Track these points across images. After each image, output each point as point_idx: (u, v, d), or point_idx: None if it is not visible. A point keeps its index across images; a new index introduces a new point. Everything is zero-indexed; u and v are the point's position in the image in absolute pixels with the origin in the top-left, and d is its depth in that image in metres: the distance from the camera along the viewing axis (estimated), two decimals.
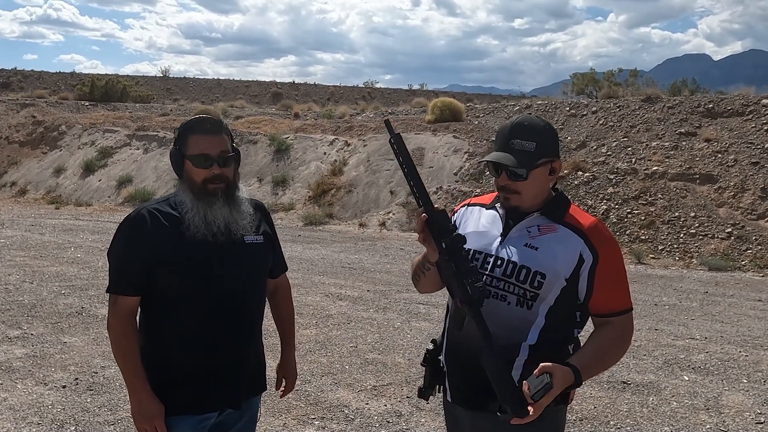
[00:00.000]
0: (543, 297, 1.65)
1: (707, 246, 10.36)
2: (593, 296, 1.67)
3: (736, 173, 11.48)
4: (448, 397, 1.80)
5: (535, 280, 1.65)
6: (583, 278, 1.66)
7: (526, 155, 1.66)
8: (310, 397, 4.01)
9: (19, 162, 19.45)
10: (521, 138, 1.67)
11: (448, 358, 1.78)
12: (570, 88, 21.09)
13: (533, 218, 1.72)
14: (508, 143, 1.69)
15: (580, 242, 1.67)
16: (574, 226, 1.69)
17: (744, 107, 12.74)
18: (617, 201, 11.76)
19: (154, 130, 18.93)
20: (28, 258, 8.55)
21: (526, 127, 1.68)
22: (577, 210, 1.76)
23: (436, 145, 14.97)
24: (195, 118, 1.91)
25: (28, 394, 3.93)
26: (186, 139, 1.86)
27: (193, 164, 1.85)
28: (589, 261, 1.65)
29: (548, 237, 1.68)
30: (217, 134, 1.87)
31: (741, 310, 6.96)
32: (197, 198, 1.85)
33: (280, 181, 15.47)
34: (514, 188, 1.69)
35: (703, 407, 4.04)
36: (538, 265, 1.65)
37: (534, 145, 1.67)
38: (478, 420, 1.71)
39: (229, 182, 1.89)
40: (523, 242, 1.69)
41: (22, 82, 37.48)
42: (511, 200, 1.72)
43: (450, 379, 1.78)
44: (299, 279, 7.61)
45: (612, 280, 1.67)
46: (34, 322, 5.51)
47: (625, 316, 1.70)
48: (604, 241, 1.68)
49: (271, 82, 45.03)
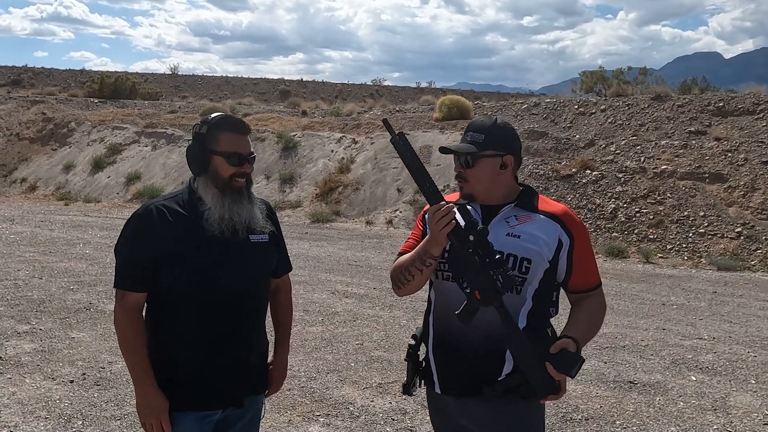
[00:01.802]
0: (529, 281, 1.77)
1: (716, 246, 10.29)
2: (573, 275, 1.82)
3: (746, 172, 11.38)
4: (436, 389, 1.85)
5: (522, 266, 1.76)
6: (563, 260, 1.81)
7: (475, 145, 1.82)
8: (316, 394, 4.02)
9: (29, 158, 19.61)
10: (473, 131, 1.84)
11: (437, 351, 1.84)
12: (579, 86, 20.97)
13: (509, 209, 1.84)
14: (464, 136, 1.87)
15: (557, 227, 1.80)
16: (549, 212, 1.83)
17: (755, 106, 12.62)
18: (625, 200, 11.69)
19: (163, 128, 19.02)
20: (37, 254, 8.62)
21: (478, 123, 1.86)
22: (546, 199, 1.90)
23: (444, 143, 14.94)
24: (225, 116, 1.93)
25: (37, 388, 3.97)
26: (217, 136, 1.87)
27: (228, 162, 1.86)
28: (566, 243, 1.80)
29: (527, 225, 1.80)
30: (246, 134, 1.93)
31: (750, 310, 6.91)
32: (223, 194, 1.86)
33: (287, 179, 15.50)
34: (465, 175, 1.84)
35: (711, 408, 4.01)
36: (524, 252, 1.76)
37: (482, 137, 1.82)
38: (468, 406, 1.80)
39: (249, 180, 1.94)
40: (504, 232, 1.79)
41: (32, 79, 37.75)
42: (463, 188, 1.85)
43: (440, 371, 1.84)
44: (306, 276, 7.63)
45: (587, 259, 1.84)
46: (42, 318, 5.55)
47: (600, 289, 1.89)
48: (576, 225, 1.83)
49: (279, 79, 45.09)
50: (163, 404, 1.83)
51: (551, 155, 13.38)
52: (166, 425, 1.83)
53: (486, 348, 1.75)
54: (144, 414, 1.84)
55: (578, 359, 1.65)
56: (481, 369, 1.76)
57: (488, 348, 1.75)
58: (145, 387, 1.83)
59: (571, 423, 3.71)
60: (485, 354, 1.75)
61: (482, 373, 1.75)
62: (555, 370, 1.65)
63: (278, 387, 2.16)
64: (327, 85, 44.80)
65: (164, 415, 1.83)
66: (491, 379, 1.75)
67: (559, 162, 13.14)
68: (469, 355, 1.76)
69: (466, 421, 1.82)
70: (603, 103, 14.68)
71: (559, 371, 1.65)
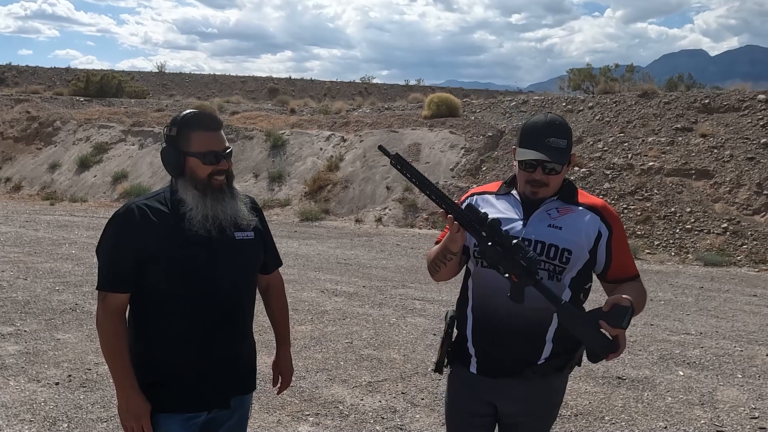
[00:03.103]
0: (569, 270, 1.86)
1: (703, 241, 10.38)
2: (612, 265, 1.89)
3: (732, 168, 11.49)
4: (471, 369, 1.93)
5: (563, 256, 1.85)
6: (602, 250, 1.88)
7: (561, 152, 1.85)
8: (305, 393, 4.00)
9: (14, 158, 19.36)
10: (556, 136, 1.85)
11: (477, 335, 1.92)
12: (567, 84, 21.08)
13: (551, 202, 1.92)
14: (544, 141, 1.85)
15: (596, 219, 1.89)
16: (588, 205, 1.92)
17: (740, 103, 12.74)
18: (613, 196, 11.76)
19: (150, 126, 18.86)
20: (22, 254, 8.51)
21: (558, 126, 1.88)
22: (585, 193, 1.99)
23: (433, 141, 14.95)
24: (193, 114, 1.87)
25: (21, 391, 3.91)
26: (188, 136, 1.82)
27: (203, 161, 1.82)
28: (605, 235, 1.88)
29: (568, 217, 1.89)
30: (219, 129, 1.88)
31: (736, 305, 6.98)
32: (204, 194, 1.82)
33: (276, 177, 15.44)
34: (546, 181, 1.88)
35: (698, 402, 4.04)
36: (565, 242, 1.85)
37: (566, 143, 1.87)
38: (503, 386, 1.90)
39: (229, 175, 1.90)
40: (546, 223, 1.88)
41: (16, 78, 37.27)
42: (539, 192, 1.90)
43: (479, 354, 1.92)
44: (295, 275, 7.59)
45: (624, 250, 1.92)
46: (27, 319, 5.48)
47: (639, 279, 1.94)
48: (613, 217, 1.92)
49: (268, 77, 44.87)
50: (144, 408, 1.80)
51: None
52: (147, 429, 1.80)
53: (527, 333, 1.85)
54: (125, 417, 1.81)
55: (627, 309, 1.68)
56: (522, 353, 1.86)
57: (530, 333, 1.85)
58: (125, 390, 1.80)
59: (561, 419, 3.72)
60: (527, 339, 1.85)
61: (524, 356, 1.86)
62: (609, 325, 1.69)
63: (287, 383, 2.15)
64: (316, 83, 44.65)
65: (145, 419, 1.80)
66: (532, 362, 1.86)
67: None
68: (512, 340, 1.85)
69: (497, 399, 1.92)
70: (591, 101, 14.76)
71: (612, 326, 1.69)
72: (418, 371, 4.40)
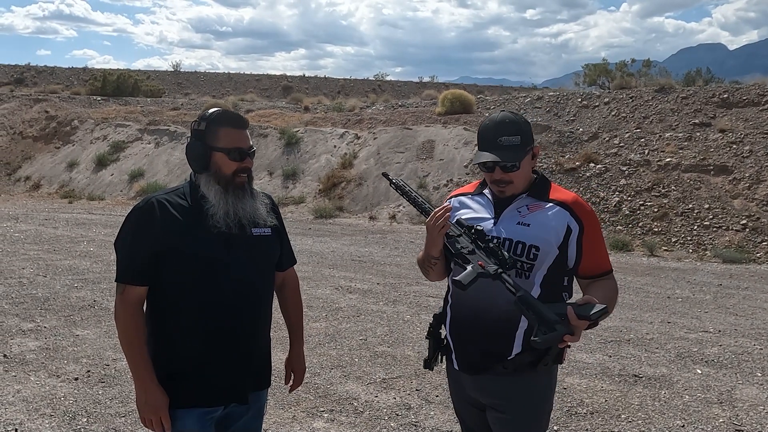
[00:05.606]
0: (538, 267, 1.86)
1: (721, 238, 10.23)
2: (582, 260, 1.89)
3: (752, 164, 11.31)
4: (455, 366, 1.99)
5: (531, 252, 1.85)
6: (572, 246, 1.87)
7: (514, 149, 1.87)
8: (320, 390, 4.01)
9: (33, 157, 19.65)
10: (507, 134, 1.87)
11: (453, 330, 1.97)
12: (582, 79, 20.87)
13: (522, 199, 1.93)
14: (496, 141, 1.87)
15: (566, 214, 1.88)
16: (559, 200, 1.91)
17: (760, 97, 12.53)
18: (630, 193, 11.64)
19: (165, 125, 19.03)
20: (41, 252, 8.65)
21: (508, 124, 1.89)
22: (558, 187, 1.97)
23: (447, 138, 14.90)
24: (223, 111, 1.90)
25: (41, 386, 3.98)
26: (216, 132, 1.86)
27: (229, 157, 1.86)
28: (576, 230, 1.87)
29: (537, 213, 1.89)
30: (245, 128, 1.92)
31: (755, 302, 6.87)
32: (226, 191, 1.86)
33: (290, 175, 15.49)
34: (508, 179, 1.89)
35: (716, 401, 3.99)
36: (532, 239, 1.85)
37: (519, 138, 1.87)
38: (480, 381, 1.93)
39: (251, 175, 1.95)
40: (515, 221, 1.90)
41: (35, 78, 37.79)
42: (506, 191, 1.91)
43: (456, 350, 1.97)
44: (309, 272, 7.62)
45: (597, 246, 1.91)
46: (47, 315, 5.56)
47: (611, 275, 1.94)
48: (585, 212, 1.90)
49: (282, 75, 45.00)
50: (163, 400, 1.82)
51: (555, 149, 13.33)
52: (165, 421, 1.82)
53: (497, 330, 1.86)
54: (143, 410, 1.83)
55: (601, 306, 1.68)
56: (492, 349, 1.87)
57: (499, 330, 1.86)
58: (144, 383, 1.82)
59: (576, 417, 3.70)
60: (496, 335, 1.86)
61: (493, 353, 1.87)
62: (575, 315, 1.69)
63: (300, 381, 2.17)
64: (329, 81, 44.70)
65: (164, 412, 1.82)
66: (502, 358, 1.86)
67: (563, 155, 13.08)
68: (482, 336, 1.88)
69: (479, 395, 1.95)
70: (606, 96, 14.61)
71: (579, 317, 1.69)
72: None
